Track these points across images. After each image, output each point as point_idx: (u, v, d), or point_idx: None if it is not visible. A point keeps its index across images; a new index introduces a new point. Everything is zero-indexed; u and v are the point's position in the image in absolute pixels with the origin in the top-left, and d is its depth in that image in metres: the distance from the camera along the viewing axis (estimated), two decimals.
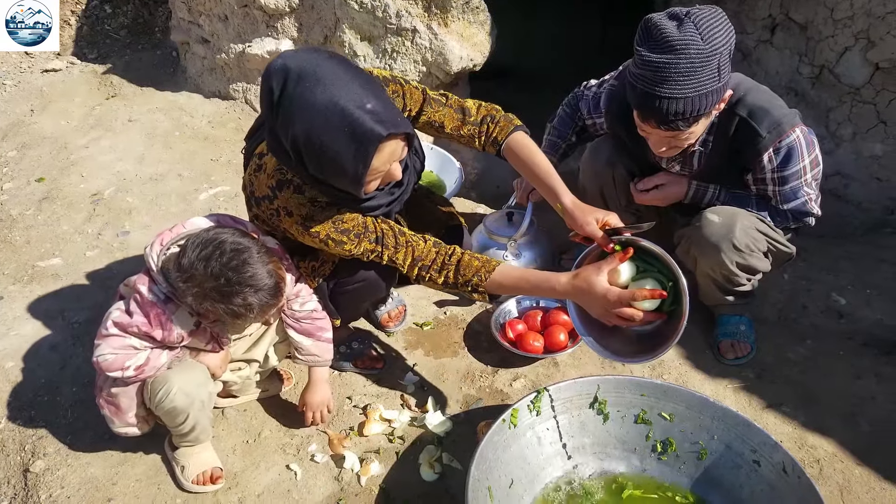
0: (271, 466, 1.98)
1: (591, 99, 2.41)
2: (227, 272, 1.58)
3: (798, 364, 2.32)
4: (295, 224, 1.76)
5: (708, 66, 1.77)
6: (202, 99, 4.01)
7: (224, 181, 3.32)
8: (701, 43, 1.75)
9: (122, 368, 1.69)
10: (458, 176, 3.10)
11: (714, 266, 2.20)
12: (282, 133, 1.56)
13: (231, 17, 3.72)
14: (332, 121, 1.50)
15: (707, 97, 1.82)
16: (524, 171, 1.98)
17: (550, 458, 1.90)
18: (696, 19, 1.77)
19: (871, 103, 3.08)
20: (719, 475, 1.84)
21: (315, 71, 1.51)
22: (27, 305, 2.54)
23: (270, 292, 1.65)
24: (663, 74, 1.78)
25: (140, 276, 1.72)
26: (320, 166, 1.57)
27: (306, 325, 1.96)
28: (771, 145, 2.03)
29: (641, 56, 1.81)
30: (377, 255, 1.84)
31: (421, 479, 1.94)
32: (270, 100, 1.53)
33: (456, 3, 3.14)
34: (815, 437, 2.06)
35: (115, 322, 1.68)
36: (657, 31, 1.79)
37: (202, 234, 1.63)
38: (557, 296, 1.78)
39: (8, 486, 1.93)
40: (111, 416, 1.82)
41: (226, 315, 1.63)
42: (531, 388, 2.22)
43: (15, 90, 4.14)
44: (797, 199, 2.14)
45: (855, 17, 2.96)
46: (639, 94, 1.85)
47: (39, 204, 3.13)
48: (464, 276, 1.82)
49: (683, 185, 2.25)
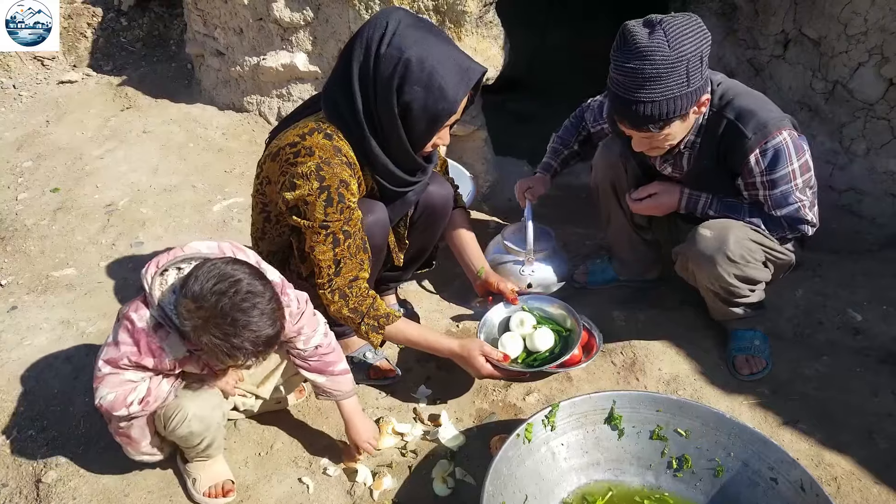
0: (283, 479, 1.97)
1: (596, 108, 2.54)
2: (235, 313, 1.52)
3: (814, 380, 2.29)
4: (308, 165, 1.82)
5: (675, 72, 1.86)
6: (216, 111, 4.03)
7: (238, 193, 3.34)
8: (667, 50, 1.84)
9: (126, 405, 1.65)
10: (471, 188, 3.11)
11: (712, 280, 2.21)
12: (386, 62, 1.78)
13: (246, 30, 3.75)
14: (444, 53, 1.81)
15: (676, 101, 1.90)
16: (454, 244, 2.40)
17: (565, 474, 1.88)
18: (666, 26, 1.86)
19: (884, 119, 3.07)
20: (736, 492, 1.82)
21: (423, 22, 1.86)
22: (41, 315, 2.55)
23: (267, 342, 1.58)
24: (633, 80, 1.88)
25: (132, 303, 1.66)
26: (424, 89, 1.79)
27: (314, 363, 1.90)
28: (757, 146, 2.04)
29: (615, 62, 1.93)
30: (333, 242, 1.89)
31: (434, 494, 1.93)
32: (380, 34, 1.78)
33: (470, 17, 3.15)
34: (832, 455, 2.03)
35: (105, 361, 1.64)
36: (630, 37, 1.89)
37: (220, 266, 1.56)
38: (443, 355, 2.10)
39: (20, 497, 1.93)
40: (126, 447, 1.82)
41: (217, 351, 1.55)
42: (544, 402, 2.21)
43: (31, 101, 4.18)
44: (790, 205, 2.13)
45: (869, 32, 2.96)
46: (612, 97, 1.99)
47: (54, 214, 3.15)
48: (375, 310, 1.98)
49: (676, 195, 2.29)
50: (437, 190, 2.22)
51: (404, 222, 2.23)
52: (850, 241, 3.06)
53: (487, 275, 2.35)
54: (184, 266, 1.64)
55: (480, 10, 3.17)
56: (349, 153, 1.90)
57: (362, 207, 1.96)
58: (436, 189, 2.22)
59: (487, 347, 2.06)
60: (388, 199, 2.06)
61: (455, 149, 3.51)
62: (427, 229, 2.30)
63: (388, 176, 1.98)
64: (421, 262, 2.46)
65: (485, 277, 2.35)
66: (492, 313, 2.32)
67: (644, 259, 2.68)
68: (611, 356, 2.38)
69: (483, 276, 2.35)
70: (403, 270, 2.41)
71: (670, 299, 2.67)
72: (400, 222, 2.21)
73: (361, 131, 1.88)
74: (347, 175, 1.87)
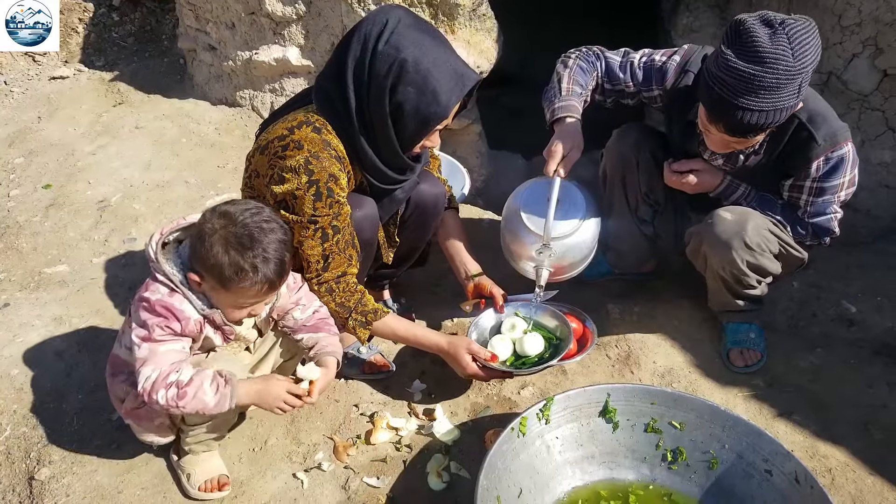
0: (278, 475, 1.96)
1: (637, 68, 2.23)
2: (255, 229, 1.62)
3: (809, 372, 2.30)
4: (296, 159, 1.81)
5: (793, 83, 1.76)
6: (209, 106, 4.01)
7: (231, 188, 3.32)
8: (791, 59, 1.73)
9: (166, 385, 1.62)
10: (465, 183, 3.10)
11: (725, 264, 2.19)
12: (382, 60, 1.77)
13: (238, 24, 3.73)
14: (440, 57, 1.81)
15: (784, 111, 1.82)
16: (445, 246, 2.37)
17: (560, 468, 1.88)
18: (790, 31, 1.73)
19: (879, 110, 3.07)
20: (730, 485, 1.82)
21: (423, 24, 1.86)
22: (33, 312, 2.54)
23: (276, 271, 1.65)
24: (746, 84, 1.75)
25: (142, 285, 1.72)
26: (418, 91, 1.78)
27: (312, 324, 1.92)
28: (824, 154, 2.01)
29: (727, 61, 1.77)
30: (321, 237, 1.88)
31: (428, 489, 1.93)
32: (379, 31, 1.77)
33: (463, 10, 3.14)
34: (826, 447, 2.04)
35: (141, 339, 1.65)
36: (748, 37, 1.75)
37: (257, 203, 1.71)
38: (431, 350, 2.11)
39: (13, 494, 1.92)
40: (135, 427, 1.84)
41: (228, 269, 1.60)
42: (539, 396, 2.21)
43: (22, 97, 4.15)
44: (825, 215, 2.13)
45: (863, 23, 2.95)
46: (715, 97, 1.83)
47: (46, 210, 3.13)
48: (363, 306, 1.98)
49: (717, 178, 2.23)
50: (428, 189, 2.21)
51: (394, 220, 2.22)
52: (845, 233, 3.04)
53: (480, 279, 2.32)
54: (185, 236, 1.73)
55: (474, 2, 3.16)
56: (339, 147, 1.90)
57: (351, 202, 1.95)
58: (427, 188, 2.21)
59: (475, 346, 2.06)
60: (376, 196, 2.05)
61: (449, 143, 3.50)
62: (418, 228, 2.29)
63: (377, 172, 1.98)
64: (413, 261, 2.45)
65: (477, 281, 2.31)
66: (484, 316, 2.29)
67: (641, 252, 2.66)
68: (605, 349, 2.38)
69: (475, 280, 2.32)
70: (396, 268, 2.40)
71: (665, 293, 2.67)
72: (390, 220, 2.20)
73: (352, 126, 1.87)
74: (336, 169, 1.86)
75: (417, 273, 2.63)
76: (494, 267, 2.44)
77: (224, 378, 1.69)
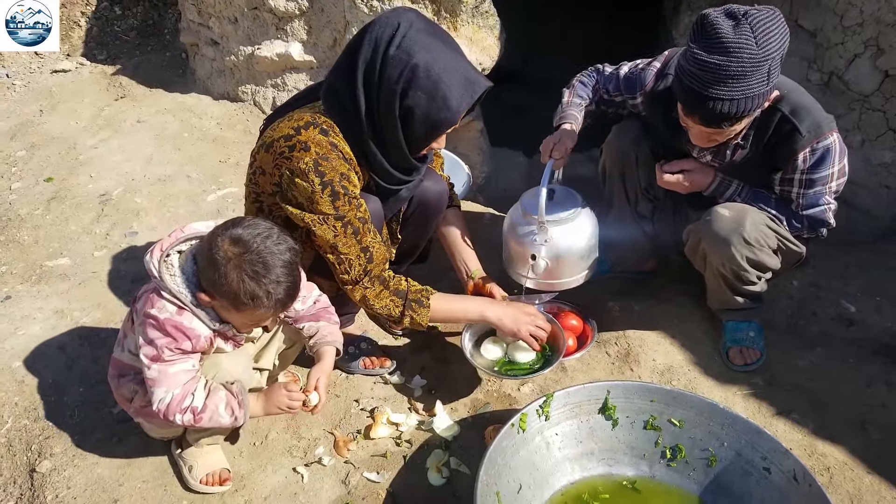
0: (278, 469, 1.97)
1: (622, 78, 2.32)
2: (267, 255, 1.61)
3: (808, 371, 2.30)
4: (305, 161, 1.80)
5: (759, 70, 1.79)
6: (211, 101, 4.01)
7: (232, 183, 3.33)
8: (755, 48, 1.76)
9: (181, 410, 1.66)
10: (466, 179, 3.10)
11: (724, 261, 2.20)
12: (393, 65, 1.76)
13: (241, 19, 3.72)
14: (452, 62, 1.80)
15: (754, 99, 1.84)
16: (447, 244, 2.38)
17: (559, 464, 1.89)
18: (752, 21, 1.78)
19: (880, 111, 3.07)
20: (729, 482, 1.83)
21: (435, 28, 1.85)
22: (35, 305, 2.54)
23: (289, 293, 1.65)
24: (713, 75, 1.80)
25: (145, 300, 1.68)
26: (428, 96, 1.78)
27: (313, 313, 1.93)
28: (809, 145, 2.03)
29: (694, 54, 1.83)
30: (353, 232, 1.88)
31: (428, 484, 1.94)
32: (391, 35, 1.76)
33: (465, 7, 3.14)
34: (825, 445, 2.05)
35: (150, 359, 1.66)
36: (712, 29, 1.80)
37: (260, 220, 1.68)
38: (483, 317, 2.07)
39: (14, 486, 1.93)
40: (146, 424, 1.86)
41: (244, 296, 1.60)
42: (539, 392, 2.22)
43: (24, 90, 4.15)
44: (818, 206, 2.14)
45: (864, 24, 2.96)
46: (686, 90, 1.88)
47: (48, 204, 3.13)
48: (413, 285, 1.98)
49: (709, 176, 2.25)
50: (431, 186, 2.21)
51: (396, 217, 2.22)
52: (845, 232, 3.06)
53: (480, 278, 2.32)
54: (185, 248, 1.70)
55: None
56: (345, 149, 1.89)
57: None
58: (430, 185, 2.21)
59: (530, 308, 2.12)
60: (382, 195, 2.05)
61: (450, 139, 3.49)
62: (420, 225, 2.29)
63: (384, 173, 1.98)
64: (415, 258, 2.45)
65: (477, 280, 2.31)
66: None
67: (640, 249, 2.67)
68: (605, 346, 2.39)
69: (476, 279, 2.32)
70: (397, 265, 2.41)
71: (665, 290, 2.67)
72: (392, 217, 2.21)
73: (361, 128, 1.87)
74: (346, 168, 1.86)
75: (418, 270, 2.63)
76: (495, 263, 2.44)
77: (237, 400, 1.71)
